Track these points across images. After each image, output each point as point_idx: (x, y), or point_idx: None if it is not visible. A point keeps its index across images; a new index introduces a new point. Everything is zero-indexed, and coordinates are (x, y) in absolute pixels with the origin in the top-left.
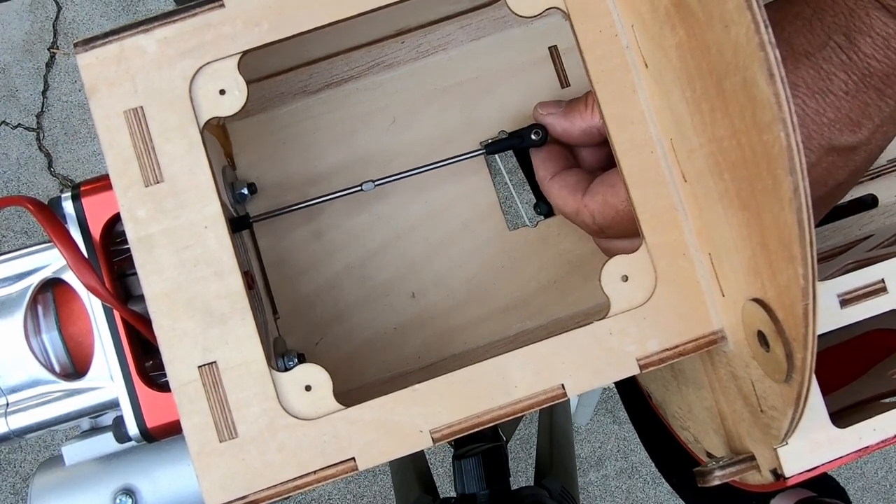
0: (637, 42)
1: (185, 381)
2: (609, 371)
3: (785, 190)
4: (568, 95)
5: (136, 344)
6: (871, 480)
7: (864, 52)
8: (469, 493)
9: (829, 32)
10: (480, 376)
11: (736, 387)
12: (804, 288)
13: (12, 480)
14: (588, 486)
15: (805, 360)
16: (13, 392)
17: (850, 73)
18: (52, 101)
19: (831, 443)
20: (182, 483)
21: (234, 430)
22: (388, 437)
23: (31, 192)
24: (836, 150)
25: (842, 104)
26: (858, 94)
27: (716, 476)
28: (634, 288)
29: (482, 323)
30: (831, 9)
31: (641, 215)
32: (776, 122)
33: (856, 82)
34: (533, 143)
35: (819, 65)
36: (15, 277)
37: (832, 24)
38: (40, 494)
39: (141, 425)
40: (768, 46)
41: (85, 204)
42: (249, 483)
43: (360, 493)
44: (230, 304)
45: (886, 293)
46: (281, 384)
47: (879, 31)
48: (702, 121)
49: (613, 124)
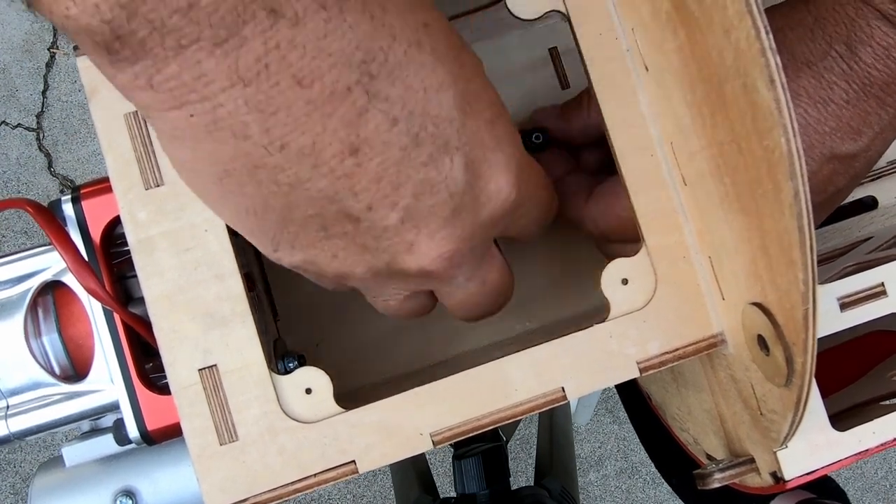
0: (637, 45)
1: (185, 384)
2: (609, 374)
3: (785, 195)
4: (568, 97)
5: (137, 346)
6: (871, 481)
7: (865, 61)
8: (469, 493)
9: (831, 42)
10: (481, 379)
11: (736, 390)
12: (804, 293)
13: (12, 480)
14: (588, 486)
15: (805, 364)
16: (13, 394)
17: (851, 82)
18: (52, 101)
19: (831, 446)
20: (182, 485)
21: (234, 433)
22: (388, 440)
23: (31, 192)
24: (836, 158)
25: (843, 113)
26: (859, 102)
27: (715, 479)
28: (634, 291)
29: (483, 324)
30: (833, 17)
31: (642, 218)
32: (776, 128)
33: (856, 91)
34: (535, 147)
35: (821, 74)
36: (15, 280)
37: (833, 33)
38: (40, 495)
39: (141, 428)
40: (769, 52)
41: (85, 206)
42: (250, 486)
43: (359, 493)
44: (231, 306)
45: (886, 296)
46: (281, 387)
47: (880, 40)
48: (702, 125)
49: (614, 127)
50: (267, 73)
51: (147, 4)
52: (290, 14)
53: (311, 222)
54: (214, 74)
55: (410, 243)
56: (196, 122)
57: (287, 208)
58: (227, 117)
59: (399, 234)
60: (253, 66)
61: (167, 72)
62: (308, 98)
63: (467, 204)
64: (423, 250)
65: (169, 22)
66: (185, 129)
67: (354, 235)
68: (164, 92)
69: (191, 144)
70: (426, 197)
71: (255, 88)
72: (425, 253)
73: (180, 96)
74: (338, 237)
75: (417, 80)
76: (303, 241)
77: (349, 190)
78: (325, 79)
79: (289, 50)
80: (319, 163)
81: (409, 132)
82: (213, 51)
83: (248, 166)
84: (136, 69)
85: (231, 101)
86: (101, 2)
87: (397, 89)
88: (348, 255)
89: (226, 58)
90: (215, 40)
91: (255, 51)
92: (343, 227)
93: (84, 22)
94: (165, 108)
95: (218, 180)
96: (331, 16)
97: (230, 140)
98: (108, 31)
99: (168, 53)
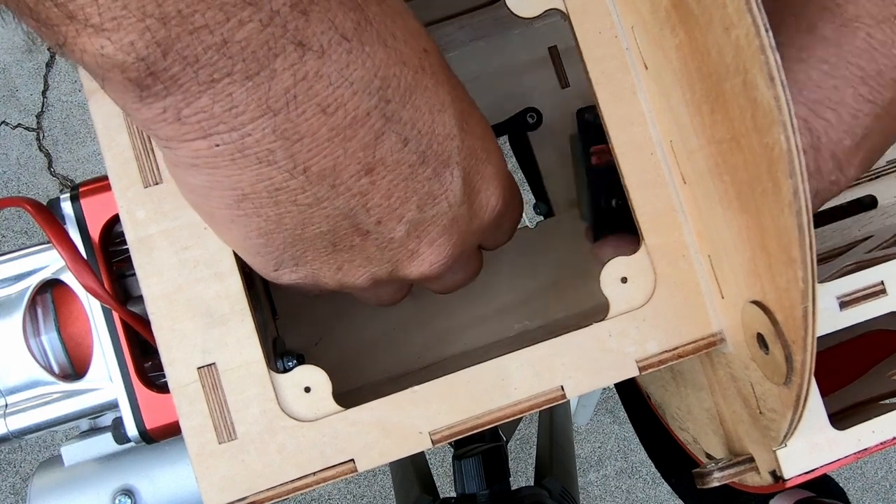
0: (637, 43)
1: (184, 382)
2: (609, 373)
3: (785, 193)
4: (568, 96)
5: (135, 345)
6: (871, 480)
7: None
8: (469, 493)
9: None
10: (480, 378)
11: (735, 388)
12: (804, 291)
13: (12, 480)
14: (588, 486)
15: (804, 362)
16: (12, 393)
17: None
18: (52, 101)
19: (830, 445)
20: (181, 484)
21: (233, 432)
22: (387, 439)
23: (31, 192)
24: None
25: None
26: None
27: (715, 478)
28: (634, 289)
29: (482, 323)
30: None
31: (641, 217)
32: (776, 125)
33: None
34: (530, 126)
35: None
36: (14, 278)
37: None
38: (40, 494)
39: (140, 427)
40: (769, 50)
41: (84, 205)
42: (249, 484)
43: (359, 493)
44: (230, 305)
45: (886, 295)
46: (280, 386)
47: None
48: (702, 123)
49: (613, 126)
50: (295, 102)
51: (182, 41)
52: (316, 47)
53: (321, 238)
54: (245, 106)
55: (413, 252)
56: (221, 151)
57: (300, 226)
58: (254, 145)
59: (404, 244)
60: (282, 96)
61: (197, 104)
62: (332, 125)
63: (463, 213)
64: (424, 257)
65: (203, 57)
66: (207, 157)
67: (361, 248)
68: (191, 124)
69: (209, 171)
70: (429, 208)
71: (283, 117)
72: (426, 259)
73: (208, 127)
74: (345, 251)
75: (424, 102)
76: (308, 257)
77: (363, 206)
78: (348, 105)
79: (315, 80)
80: (338, 183)
81: (417, 150)
82: (244, 83)
83: (270, 189)
84: (165, 103)
85: (259, 130)
86: (137, 39)
87: (408, 111)
88: (352, 266)
89: (256, 90)
90: (247, 73)
91: (284, 82)
92: (351, 241)
93: (119, 59)
94: (190, 139)
95: (234, 203)
96: (352, 46)
97: (254, 166)
98: (143, 67)
99: (201, 88)
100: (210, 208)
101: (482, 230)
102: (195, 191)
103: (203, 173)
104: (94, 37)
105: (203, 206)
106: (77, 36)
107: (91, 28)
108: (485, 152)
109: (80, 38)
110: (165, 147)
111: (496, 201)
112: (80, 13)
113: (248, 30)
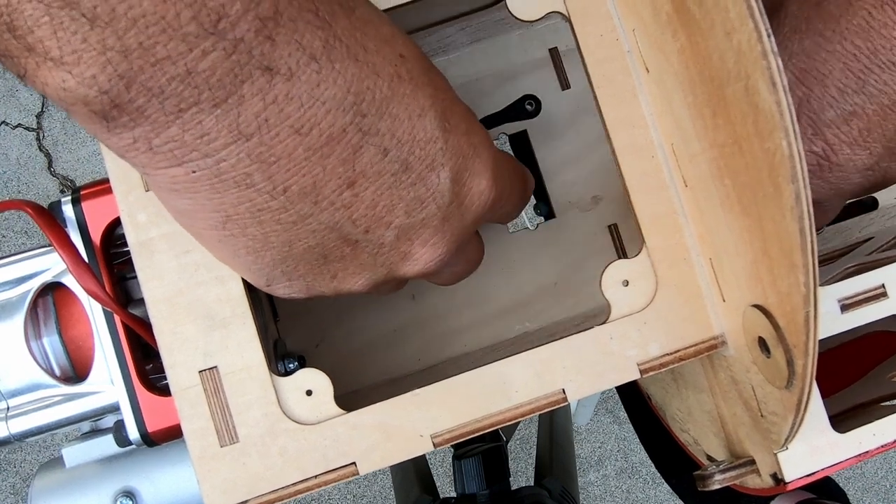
0: (638, 46)
1: (185, 385)
2: (610, 375)
3: (786, 198)
4: (568, 97)
5: (137, 348)
6: (871, 481)
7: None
8: (469, 493)
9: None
10: (481, 381)
11: (736, 391)
12: (805, 295)
13: (12, 481)
14: (588, 486)
15: (806, 366)
16: (13, 396)
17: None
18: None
19: (831, 447)
20: (183, 486)
21: (234, 435)
22: (388, 442)
23: (31, 192)
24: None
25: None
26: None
27: (716, 480)
28: (635, 292)
29: (482, 325)
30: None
31: (642, 220)
32: (778, 130)
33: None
34: (529, 114)
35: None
36: (15, 281)
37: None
38: (40, 496)
39: (141, 429)
40: (770, 55)
41: (85, 208)
42: (250, 487)
43: (360, 493)
44: (231, 308)
45: (887, 298)
46: (282, 389)
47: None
48: (703, 126)
49: (614, 128)
50: (267, 126)
51: (145, 73)
52: (284, 70)
53: (310, 252)
54: (216, 133)
55: (406, 254)
56: (198, 177)
57: (288, 243)
58: (230, 170)
59: (395, 248)
60: (253, 121)
61: (167, 134)
62: (307, 145)
63: (454, 211)
64: (419, 257)
65: (168, 88)
66: (186, 182)
67: (353, 257)
68: (164, 153)
69: (190, 196)
70: (417, 212)
71: (256, 141)
72: (421, 259)
73: (182, 156)
74: (336, 261)
75: (402, 110)
76: (301, 271)
77: (348, 219)
78: (322, 124)
79: (286, 103)
80: (320, 199)
81: (398, 158)
82: (212, 111)
83: (252, 210)
84: (134, 134)
85: (233, 155)
86: (99, 72)
87: (386, 122)
88: (347, 274)
89: (226, 116)
90: (214, 101)
91: (254, 107)
92: (342, 252)
93: (82, 93)
94: (165, 167)
95: (219, 225)
96: (321, 66)
97: (233, 190)
98: (107, 100)
99: (168, 118)
100: (197, 229)
101: (477, 221)
102: (181, 213)
103: (185, 197)
104: (54, 70)
105: (190, 228)
106: (37, 69)
107: (51, 62)
108: (471, 147)
109: (40, 70)
110: (144, 173)
111: (489, 192)
112: (39, 46)
113: (211, 59)
